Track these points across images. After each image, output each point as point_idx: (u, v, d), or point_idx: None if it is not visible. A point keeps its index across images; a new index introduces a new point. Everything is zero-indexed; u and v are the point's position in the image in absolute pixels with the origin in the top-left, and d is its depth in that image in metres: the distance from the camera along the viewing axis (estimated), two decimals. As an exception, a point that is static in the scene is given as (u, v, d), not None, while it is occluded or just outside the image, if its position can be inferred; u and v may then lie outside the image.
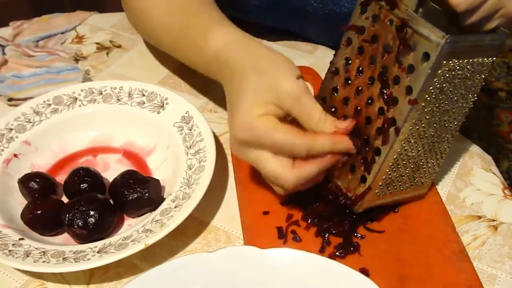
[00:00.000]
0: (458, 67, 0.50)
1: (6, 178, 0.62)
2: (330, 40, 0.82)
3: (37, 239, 0.57)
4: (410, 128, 0.52)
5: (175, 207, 0.57)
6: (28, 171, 0.63)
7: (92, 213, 0.56)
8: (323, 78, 0.59)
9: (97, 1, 1.28)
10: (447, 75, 0.50)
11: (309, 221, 0.59)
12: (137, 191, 0.58)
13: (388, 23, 0.51)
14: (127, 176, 0.59)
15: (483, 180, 0.64)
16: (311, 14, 0.84)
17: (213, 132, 0.64)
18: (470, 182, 0.64)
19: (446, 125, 0.55)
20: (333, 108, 0.58)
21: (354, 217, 0.58)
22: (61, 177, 0.63)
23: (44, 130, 0.67)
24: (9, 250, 0.53)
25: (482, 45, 0.51)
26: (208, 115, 0.73)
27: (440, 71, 0.49)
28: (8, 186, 0.62)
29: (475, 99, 0.55)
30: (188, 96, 0.76)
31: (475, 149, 0.68)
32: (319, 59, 0.81)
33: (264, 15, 0.87)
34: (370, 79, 0.54)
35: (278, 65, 0.54)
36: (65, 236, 0.58)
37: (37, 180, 0.60)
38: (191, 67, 0.66)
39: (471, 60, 0.51)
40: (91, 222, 0.55)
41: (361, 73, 0.55)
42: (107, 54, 0.84)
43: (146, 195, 0.58)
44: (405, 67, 0.50)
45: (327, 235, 0.57)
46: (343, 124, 0.52)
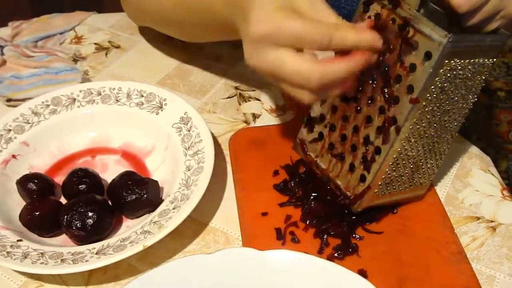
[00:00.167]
0: (459, 67, 0.50)
1: (4, 179, 0.62)
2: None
3: (35, 241, 0.56)
4: (411, 127, 0.52)
5: (173, 208, 0.57)
6: (27, 172, 0.63)
7: (90, 214, 0.56)
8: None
9: (96, 1, 1.28)
10: (448, 74, 0.50)
11: (307, 222, 0.58)
12: (136, 192, 0.58)
13: (390, 22, 0.51)
14: (125, 177, 0.59)
15: (482, 181, 0.64)
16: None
17: (211, 133, 0.64)
18: (469, 183, 0.64)
19: (446, 125, 0.55)
20: (334, 107, 0.58)
21: (353, 218, 0.58)
22: (60, 178, 0.63)
23: (42, 131, 0.67)
24: (7, 252, 0.53)
25: (483, 46, 0.51)
26: (207, 116, 0.73)
27: (441, 70, 0.49)
28: (6, 187, 0.62)
29: (475, 100, 0.55)
30: (186, 97, 0.76)
31: (473, 150, 0.68)
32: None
33: None
34: (371, 78, 0.54)
35: None
36: (63, 238, 0.58)
37: (36, 181, 0.60)
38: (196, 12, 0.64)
39: (472, 60, 0.51)
40: (89, 224, 0.55)
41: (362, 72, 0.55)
42: (106, 54, 0.84)
43: (145, 196, 0.58)
44: (407, 66, 0.50)
45: (325, 236, 0.57)
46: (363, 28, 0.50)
